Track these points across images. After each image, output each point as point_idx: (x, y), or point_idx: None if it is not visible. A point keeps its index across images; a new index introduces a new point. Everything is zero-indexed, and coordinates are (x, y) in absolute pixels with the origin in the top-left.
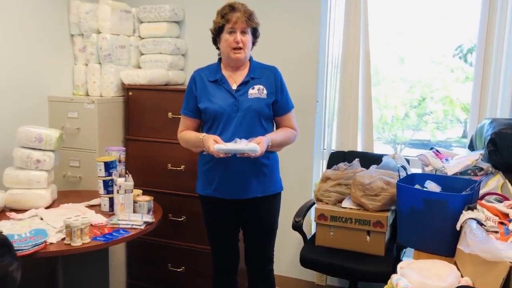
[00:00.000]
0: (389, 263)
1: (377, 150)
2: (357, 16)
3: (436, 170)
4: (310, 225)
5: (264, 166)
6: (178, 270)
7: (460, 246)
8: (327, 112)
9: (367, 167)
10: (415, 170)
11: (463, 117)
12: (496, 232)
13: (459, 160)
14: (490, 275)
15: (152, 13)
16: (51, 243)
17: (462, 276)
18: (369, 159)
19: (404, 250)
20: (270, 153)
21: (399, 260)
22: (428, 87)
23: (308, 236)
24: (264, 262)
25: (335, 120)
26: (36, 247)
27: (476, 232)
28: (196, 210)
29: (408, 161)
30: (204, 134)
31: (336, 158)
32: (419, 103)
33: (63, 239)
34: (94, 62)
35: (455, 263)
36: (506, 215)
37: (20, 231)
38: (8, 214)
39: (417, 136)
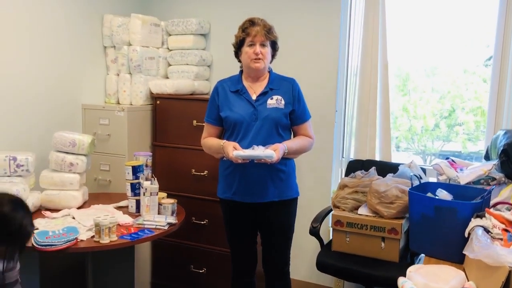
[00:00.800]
0: (403, 269)
1: (402, 160)
2: (375, 27)
3: (449, 179)
4: (328, 231)
5: (281, 172)
6: (200, 271)
7: (466, 251)
8: (346, 121)
9: (384, 176)
10: (432, 179)
11: None
12: (501, 239)
13: (473, 170)
14: (492, 279)
15: (179, 26)
16: (81, 240)
17: (468, 281)
18: (387, 168)
19: (419, 257)
20: (287, 160)
21: None
22: (459, 98)
23: (325, 242)
24: (280, 264)
25: (353, 129)
26: (68, 243)
27: (481, 238)
28: (218, 213)
29: (424, 170)
30: (225, 141)
31: (354, 167)
32: (449, 113)
33: (93, 236)
34: (125, 72)
35: (464, 270)
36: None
37: (54, 228)
38: (43, 213)
39: (448, 147)
